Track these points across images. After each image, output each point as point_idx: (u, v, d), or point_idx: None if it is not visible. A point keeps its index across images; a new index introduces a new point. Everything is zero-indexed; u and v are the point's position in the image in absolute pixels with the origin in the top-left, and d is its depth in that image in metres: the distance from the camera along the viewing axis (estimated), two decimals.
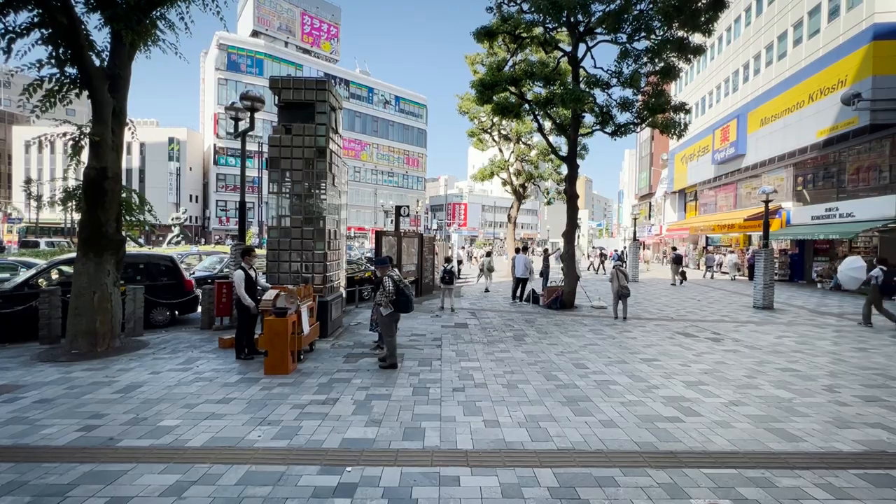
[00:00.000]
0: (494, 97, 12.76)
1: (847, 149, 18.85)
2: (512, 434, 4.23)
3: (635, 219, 28.48)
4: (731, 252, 28.11)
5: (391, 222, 38.68)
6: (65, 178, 8.49)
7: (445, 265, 12.75)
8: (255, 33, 56.95)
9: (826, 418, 4.71)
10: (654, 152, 47.89)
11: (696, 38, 12.82)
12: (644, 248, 36.00)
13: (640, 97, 12.80)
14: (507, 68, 13.23)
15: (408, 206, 18.84)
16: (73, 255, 7.97)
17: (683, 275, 20.24)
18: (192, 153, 59.37)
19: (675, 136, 12.66)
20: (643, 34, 11.85)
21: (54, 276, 9.09)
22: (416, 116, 73.53)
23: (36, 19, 6.88)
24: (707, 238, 32.14)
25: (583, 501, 3.13)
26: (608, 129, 12.74)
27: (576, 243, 13.36)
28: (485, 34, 12.47)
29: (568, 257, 12.83)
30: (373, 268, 13.94)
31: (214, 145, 54.04)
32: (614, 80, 12.37)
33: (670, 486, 3.34)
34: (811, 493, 3.28)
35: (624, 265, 16.00)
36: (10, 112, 67.05)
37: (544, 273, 14.92)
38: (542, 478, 3.44)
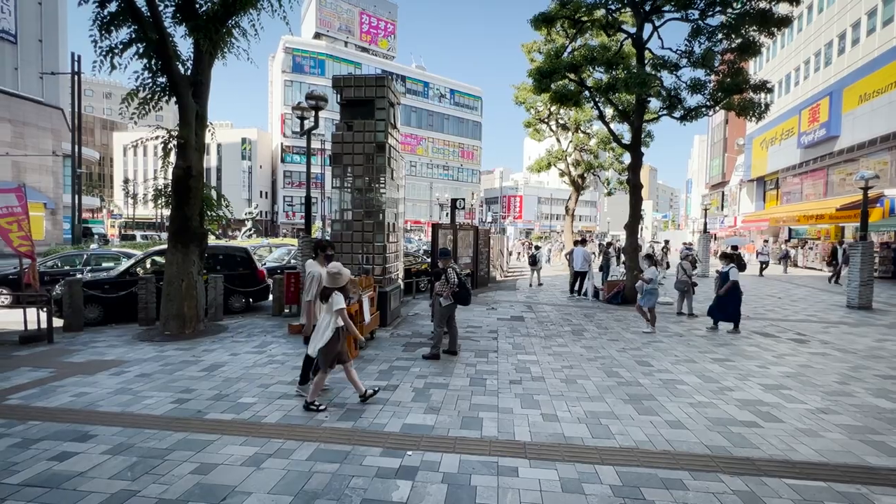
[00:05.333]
0: (552, 85, 12.39)
1: None
2: (571, 429, 4.16)
3: (706, 210, 26.59)
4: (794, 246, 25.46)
5: (446, 215, 38.99)
6: (155, 178, 9.44)
7: (534, 252, 17.17)
8: (317, 35, 59.47)
9: None
10: (728, 137, 44.16)
11: (782, 8, 11.59)
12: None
13: (713, 77, 11.84)
14: (565, 55, 12.77)
15: (463, 199, 18.86)
16: (164, 246, 8.86)
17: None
18: (261, 152, 63.50)
19: (754, 119, 11.61)
20: (718, 8, 10.93)
21: (148, 265, 10.18)
22: (471, 109, 73.26)
23: (133, 35, 7.68)
24: (790, 230, 29.22)
25: (648, 502, 3.02)
26: (676, 114, 11.94)
27: (639, 235, 12.73)
28: (542, 20, 12.11)
29: (631, 250, 12.25)
30: (429, 260, 14.22)
31: (282, 144, 57.39)
32: (684, 61, 11.55)
33: (747, 495, 3.12)
34: None
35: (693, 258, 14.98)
36: (112, 120, 75.57)
37: (604, 267, 14.38)
38: (604, 475, 3.35)
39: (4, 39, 30.82)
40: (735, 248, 16.67)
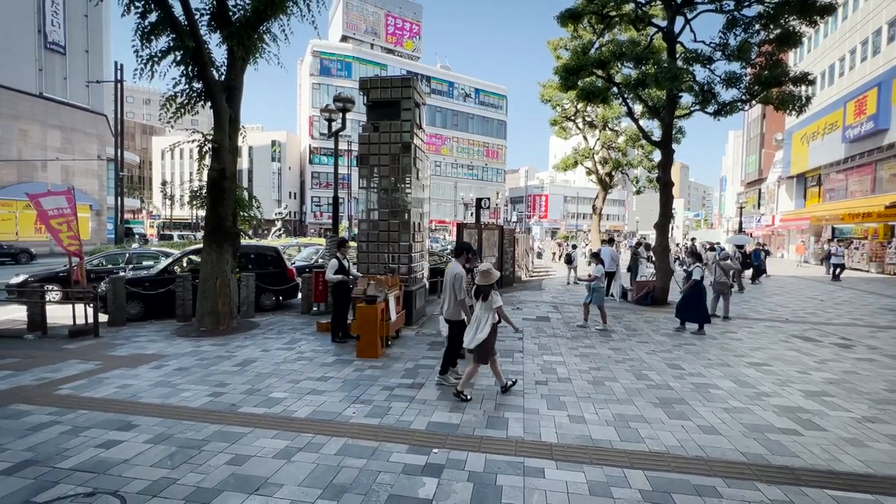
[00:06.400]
0: (579, 82, 12.17)
1: None
2: (599, 431, 4.09)
3: (741, 208, 25.61)
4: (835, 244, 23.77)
5: (471, 215, 38.92)
6: (191, 181, 9.83)
7: (570, 251, 17.65)
8: (343, 38, 60.46)
9: None
10: (765, 132, 42.28)
11: None
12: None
13: (749, 70, 11.38)
14: (593, 51, 12.54)
15: (488, 199, 18.81)
16: (200, 245, 9.21)
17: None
18: (290, 154, 65.08)
19: (793, 113, 11.09)
20: None
21: (185, 263, 10.60)
22: (496, 108, 72.89)
23: (171, 44, 8.02)
24: (833, 229, 27.74)
25: None
26: (710, 109, 11.54)
27: (669, 235, 12.37)
28: (569, 16, 11.93)
29: (661, 250, 11.93)
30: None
31: (310, 146, 58.66)
32: (718, 54, 11.15)
33: None
34: None
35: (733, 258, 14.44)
36: (151, 125, 79.09)
37: (633, 267, 14.04)
38: (633, 479, 3.29)
39: (55, 51, 32.71)
40: (741, 247, 15.91)
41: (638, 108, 15.20)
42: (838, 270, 18.17)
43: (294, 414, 4.43)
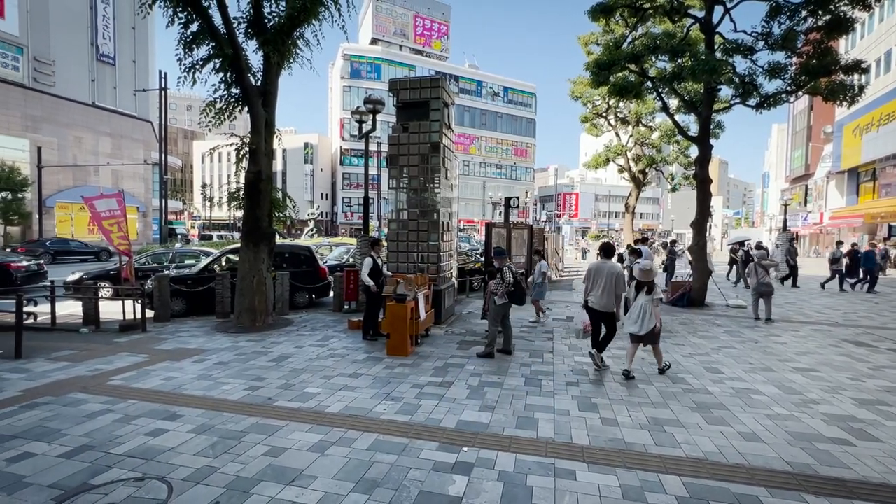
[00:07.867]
0: (611, 78, 11.87)
1: None
2: (632, 435, 4.00)
3: (786, 205, 24.30)
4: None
5: (500, 214, 38.71)
6: (229, 183, 10.24)
7: (622, 250, 17.53)
8: (373, 41, 61.35)
9: None
10: (812, 125, 39.91)
11: None
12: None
13: (795, 60, 10.79)
14: (626, 45, 12.20)
15: (517, 198, 18.65)
16: (238, 245, 9.57)
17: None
18: (322, 155, 66.64)
19: (844, 104, 10.43)
20: None
21: (223, 262, 11.04)
22: (524, 106, 72.10)
23: (211, 52, 8.38)
24: (890, 227, 25.91)
25: None
26: (751, 102, 11.02)
27: (707, 234, 11.91)
28: (600, 11, 11.64)
29: (698, 249, 11.50)
30: (482, 259, 14.23)
31: (340, 147, 59.88)
32: (760, 44, 10.62)
33: None
34: None
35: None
36: (192, 130, 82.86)
37: (668, 268, 13.60)
38: (669, 485, 3.20)
39: (105, 62, 34.77)
40: (742, 244, 14.86)
41: (673, 103, 14.70)
42: None
43: (327, 409, 4.55)
